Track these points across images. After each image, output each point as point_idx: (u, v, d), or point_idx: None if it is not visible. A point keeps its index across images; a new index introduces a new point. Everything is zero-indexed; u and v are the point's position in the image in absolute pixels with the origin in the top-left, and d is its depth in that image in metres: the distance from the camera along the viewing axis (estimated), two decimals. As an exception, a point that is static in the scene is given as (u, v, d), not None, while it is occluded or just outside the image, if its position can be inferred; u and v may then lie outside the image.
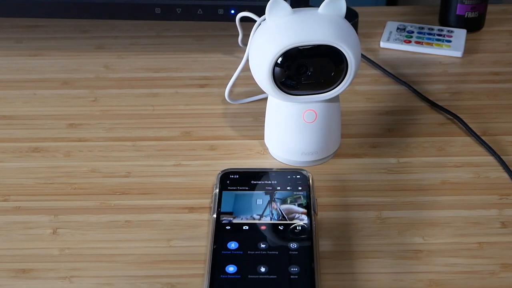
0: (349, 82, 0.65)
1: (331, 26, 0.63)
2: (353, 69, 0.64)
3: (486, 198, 0.66)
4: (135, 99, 0.81)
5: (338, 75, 0.64)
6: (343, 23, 0.64)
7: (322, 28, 0.62)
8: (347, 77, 0.64)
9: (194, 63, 0.88)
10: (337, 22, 0.63)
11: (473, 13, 0.93)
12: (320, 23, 0.63)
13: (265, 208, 0.62)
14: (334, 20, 0.63)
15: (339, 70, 0.64)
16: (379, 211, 0.65)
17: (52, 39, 0.94)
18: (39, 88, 0.83)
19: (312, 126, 0.67)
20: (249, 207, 0.62)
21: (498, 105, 0.80)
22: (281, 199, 0.63)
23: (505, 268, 0.59)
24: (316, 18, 0.63)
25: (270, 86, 0.64)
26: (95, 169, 0.70)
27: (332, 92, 0.65)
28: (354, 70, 0.64)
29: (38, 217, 0.64)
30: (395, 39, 0.91)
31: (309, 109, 0.66)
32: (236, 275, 0.56)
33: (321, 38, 0.62)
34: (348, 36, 0.63)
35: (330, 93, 0.65)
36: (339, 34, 0.62)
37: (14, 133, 0.76)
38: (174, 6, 0.84)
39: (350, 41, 0.63)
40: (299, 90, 0.65)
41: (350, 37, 0.63)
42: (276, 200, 0.63)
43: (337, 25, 0.63)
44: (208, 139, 0.74)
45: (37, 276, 0.59)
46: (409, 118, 0.78)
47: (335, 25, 0.63)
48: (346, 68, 0.64)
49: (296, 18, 0.63)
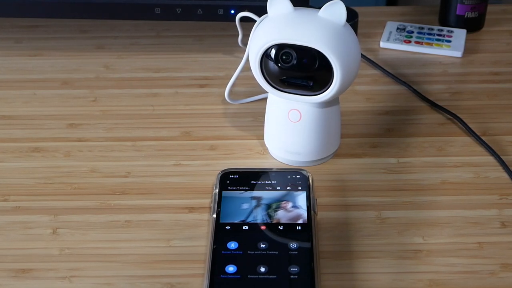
0: (334, 91, 0.63)
1: (323, 31, 0.62)
2: (339, 78, 0.62)
3: (486, 198, 0.66)
4: (135, 99, 0.81)
5: (324, 82, 0.64)
6: (339, 30, 0.62)
7: (312, 31, 0.62)
8: (333, 85, 0.63)
9: (194, 63, 0.88)
10: (330, 28, 0.62)
11: (473, 13, 0.93)
12: (312, 26, 0.62)
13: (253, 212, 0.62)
14: (329, 26, 0.62)
15: (324, 76, 0.63)
16: (379, 211, 0.65)
17: (52, 39, 0.94)
18: (39, 88, 0.83)
19: (296, 126, 0.68)
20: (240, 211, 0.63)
21: (498, 105, 0.80)
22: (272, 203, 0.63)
23: (505, 268, 0.59)
24: (312, 20, 0.63)
25: (259, 74, 0.65)
26: (95, 169, 0.70)
27: (317, 97, 0.65)
28: (340, 79, 0.63)
29: (38, 217, 0.64)
30: (395, 39, 0.91)
31: (293, 108, 0.67)
32: (236, 275, 0.56)
33: (308, 41, 0.62)
34: (338, 44, 0.62)
35: (315, 98, 0.65)
36: (328, 40, 0.61)
37: (14, 133, 0.76)
38: (174, 6, 0.84)
39: (339, 49, 0.62)
40: (285, 87, 0.65)
41: (340, 45, 0.62)
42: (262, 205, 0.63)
43: (329, 31, 0.62)
44: (208, 139, 0.74)
45: (37, 276, 0.59)
46: (409, 118, 0.78)
47: (327, 30, 0.62)
48: (333, 76, 0.63)
49: (293, 16, 0.63)
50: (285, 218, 0.62)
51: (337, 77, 0.62)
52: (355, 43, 0.64)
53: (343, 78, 0.63)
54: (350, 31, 0.64)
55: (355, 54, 0.64)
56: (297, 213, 0.62)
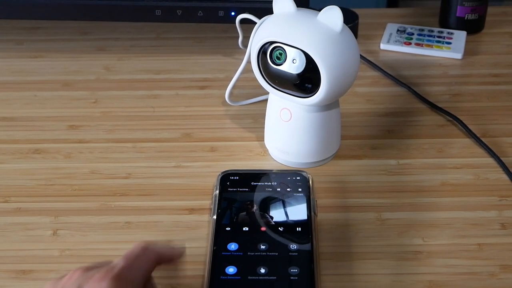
0: (322, 96, 0.63)
1: (315, 35, 0.62)
2: (325, 84, 0.62)
3: (485, 199, 0.66)
4: (136, 100, 0.81)
5: (312, 85, 0.63)
6: (332, 35, 0.62)
7: (306, 34, 0.62)
8: (320, 90, 0.63)
9: (194, 65, 0.88)
10: (324, 33, 0.62)
11: (473, 15, 0.93)
12: (306, 29, 0.62)
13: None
14: (323, 30, 0.62)
15: (312, 80, 0.63)
16: (379, 213, 0.65)
17: (53, 41, 0.94)
18: (39, 90, 0.84)
19: (286, 125, 0.68)
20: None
21: (498, 107, 0.80)
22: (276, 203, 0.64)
23: (504, 269, 0.59)
24: (308, 23, 0.63)
25: (256, 69, 0.66)
26: (96, 170, 0.70)
27: (306, 100, 0.65)
28: (327, 85, 0.62)
29: (39, 218, 0.65)
30: (395, 41, 0.91)
31: (285, 107, 0.67)
32: (236, 276, 0.56)
33: (299, 42, 0.62)
34: (328, 50, 0.61)
35: (304, 100, 0.65)
36: (318, 45, 0.61)
37: (14, 135, 0.76)
38: (174, 8, 0.84)
39: (328, 55, 0.61)
40: (276, 84, 0.65)
41: (331, 51, 0.61)
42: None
43: (321, 36, 0.62)
44: (209, 141, 0.74)
45: (38, 277, 0.59)
46: (409, 119, 0.78)
47: (319, 35, 0.62)
48: (320, 81, 0.63)
49: (292, 17, 0.64)
50: (285, 220, 0.62)
51: (324, 82, 0.62)
52: (350, 49, 0.63)
53: (331, 84, 0.62)
54: (346, 37, 0.63)
55: (348, 61, 0.63)
56: (297, 214, 0.62)
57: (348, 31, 0.63)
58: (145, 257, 0.52)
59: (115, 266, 0.50)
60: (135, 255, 0.51)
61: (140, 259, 0.51)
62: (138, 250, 0.52)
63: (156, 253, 0.52)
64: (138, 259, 0.51)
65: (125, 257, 0.51)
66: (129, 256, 0.51)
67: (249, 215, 0.62)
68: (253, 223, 0.61)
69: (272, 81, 0.66)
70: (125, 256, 0.51)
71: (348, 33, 0.63)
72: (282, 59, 0.64)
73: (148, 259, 0.52)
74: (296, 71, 0.63)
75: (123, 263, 0.50)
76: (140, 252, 0.52)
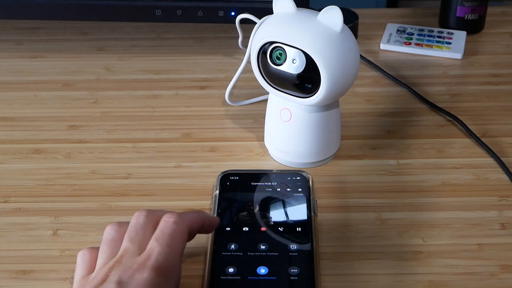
0: (321, 96, 0.63)
1: (315, 35, 0.62)
2: (325, 84, 0.62)
3: (485, 199, 0.66)
4: (136, 100, 0.81)
5: (312, 86, 0.63)
6: (332, 35, 0.62)
7: (305, 34, 0.62)
8: (320, 90, 0.63)
9: (194, 65, 0.88)
10: (324, 33, 0.62)
11: (473, 15, 0.93)
12: (306, 29, 0.62)
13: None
14: (322, 31, 0.62)
15: (312, 80, 0.63)
16: (379, 213, 0.65)
17: (53, 41, 0.94)
18: (39, 90, 0.84)
19: (286, 125, 0.68)
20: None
21: (498, 107, 0.80)
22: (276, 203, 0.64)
23: (504, 270, 0.59)
24: (308, 23, 0.63)
25: (256, 68, 0.66)
26: (96, 170, 0.70)
27: (305, 101, 0.65)
28: (327, 85, 0.62)
29: (39, 219, 0.65)
30: (395, 41, 0.91)
31: (285, 107, 0.67)
32: (236, 276, 0.56)
33: (299, 42, 0.62)
34: (328, 50, 0.61)
35: (304, 101, 0.65)
36: (318, 45, 0.61)
37: (14, 135, 0.76)
38: (174, 8, 0.84)
39: (328, 55, 0.61)
40: (276, 84, 0.65)
41: (331, 52, 0.61)
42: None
43: (321, 36, 0.61)
44: (209, 141, 0.74)
45: (38, 277, 0.59)
46: (409, 119, 0.78)
47: (319, 35, 0.62)
48: (320, 81, 0.63)
49: (292, 17, 0.64)
50: (285, 220, 0.62)
51: (324, 82, 0.62)
52: (350, 49, 0.63)
53: (331, 84, 0.62)
54: (346, 37, 0.63)
55: (348, 61, 0.63)
56: (297, 214, 0.62)
57: (348, 31, 0.63)
58: (179, 235, 0.49)
59: (151, 253, 0.48)
60: (168, 235, 0.49)
61: (174, 239, 0.49)
62: (170, 227, 0.49)
63: (188, 226, 0.50)
64: (173, 239, 0.49)
65: (158, 239, 0.48)
66: (163, 238, 0.49)
67: (249, 215, 0.62)
68: (253, 223, 0.61)
69: (272, 81, 0.66)
70: (157, 238, 0.49)
71: (348, 33, 0.63)
72: (282, 59, 0.64)
73: (182, 238, 0.50)
74: (296, 71, 0.63)
75: (159, 248, 0.48)
76: (173, 231, 0.49)
